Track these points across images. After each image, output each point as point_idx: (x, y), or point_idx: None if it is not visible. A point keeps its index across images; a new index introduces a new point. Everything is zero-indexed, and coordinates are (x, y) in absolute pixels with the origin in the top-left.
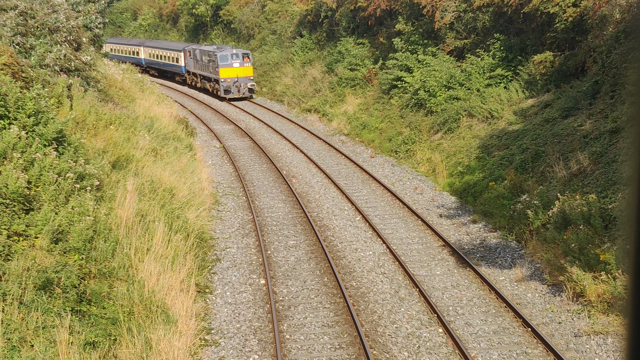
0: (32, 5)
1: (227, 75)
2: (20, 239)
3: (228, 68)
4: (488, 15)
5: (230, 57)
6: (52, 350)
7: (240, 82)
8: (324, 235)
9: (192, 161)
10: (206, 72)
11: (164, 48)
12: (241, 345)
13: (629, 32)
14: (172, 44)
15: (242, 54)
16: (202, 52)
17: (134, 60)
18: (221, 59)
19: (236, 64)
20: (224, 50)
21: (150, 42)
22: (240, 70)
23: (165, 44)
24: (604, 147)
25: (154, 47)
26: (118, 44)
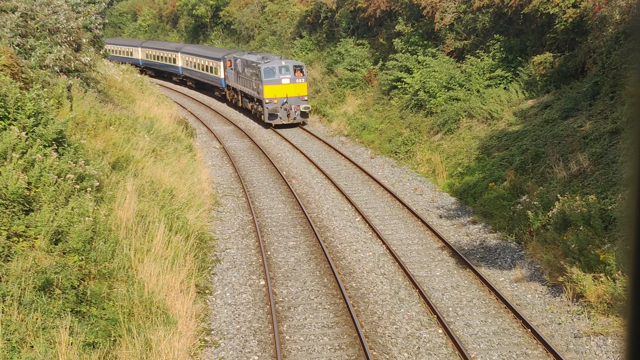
0: (32, 7)
1: (272, 95)
2: (20, 239)
3: (274, 85)
4: (488, 16)
5: (278, 70)
6: (52, 351)
7: (290, 104)
8: (323, 236)
9: (192, 162)
10: (248, 88)
11: (202, 55)
12: (241, 346)
13: (628, 33)
14: (211, 51)
15: (293, 66)
16: (244, 62)
17: (170, 69)
18: (266, 73)
19: (285, 80)
20: (270, 61)
21: (189, 48)
22: (290, 89)
23: (204, 51)
24: (604, 148)
25: (192, 53)
26: (151, 49)
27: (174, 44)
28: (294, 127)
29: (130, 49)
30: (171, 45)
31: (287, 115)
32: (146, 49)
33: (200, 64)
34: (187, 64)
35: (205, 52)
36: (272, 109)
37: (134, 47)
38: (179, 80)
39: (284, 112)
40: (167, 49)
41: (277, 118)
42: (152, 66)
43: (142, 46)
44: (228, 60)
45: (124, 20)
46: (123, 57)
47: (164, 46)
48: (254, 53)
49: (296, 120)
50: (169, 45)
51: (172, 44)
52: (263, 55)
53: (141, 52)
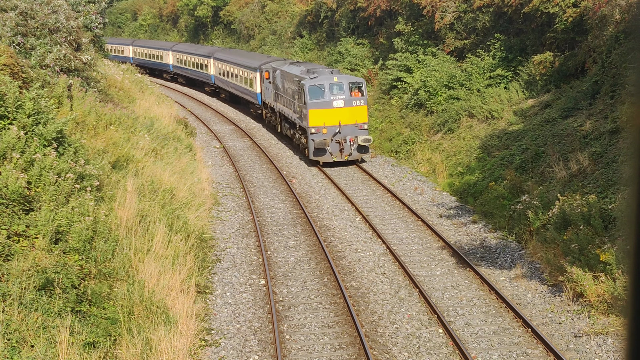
0: (32, 6)
1: (320, 122)
2: (20, 239)
3: (324, 109)
4: (488, 16)
5: (328, 88)
6: (52, 351)
7: (344, 135)
8: (324, 235)
9: (192, 161)
10: (289, 109)
11: (236, 63)
12: (241, 345)
13: (628, 33)
14: (247, 58)
15: (349, 83)
16: (284, 75)
17: (201, 77)
18: (311, 93)
19: (338, 102)
20: (317, 76)
21: (222, 53)
22: (345, 114)
23: (238, 57)
24: (603, 147)
25: (225, 60)
26: (183, 53)
27: (207, 48)
28: (349, 165)
29: (160, 52)
30: (204, 49)
31: (339, 150)
32: (177, 52)
33: (234, 74)
34: (220, 72)
35: (240, 59)
36: (319, 141)
37: (164, 51)
38: (211, 90)
39: (336, 146)
40: (199, 54)
41: (325, 154)
42: (183, 73)
43: (174, 50)
44: (265, 71)
45: (124, 19)
46: (152, 61)
47: (196, 50)
48: (296, 63)
49: (352, 156)
50: (201, 50)
51: (205, 48)
52: (308, 66)
53: (172, 57)
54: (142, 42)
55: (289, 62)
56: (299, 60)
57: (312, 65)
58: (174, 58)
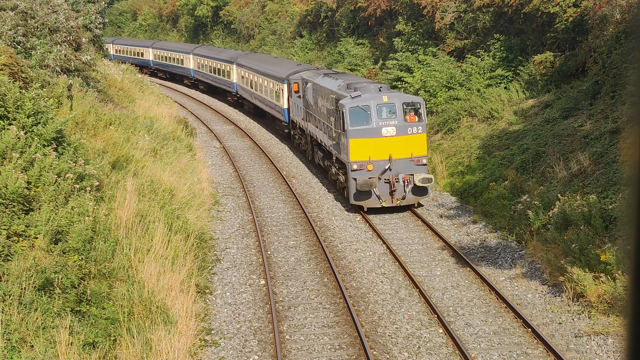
0: (32, 5)
1: (364, 155)
2: (20, 239)
3: (369, 139)
4: (488, 16)
5: (375, 111)
6: (52, 351)
7: (396, 172)
8: (324, 235)
9: (192, 161)
10: (323, 132)
11: (261, 72)
12: (241, 345)
13: (629, 33)
14: (273, 66)
15: (403, 103)
16: (318, 89)
17: (224, 85)
18: (353, 116)
19: (389, 129)
20: (361, 94)
21: (247, 59)
22: (398, 145)
23: (264, 65)
24: (604, 147)
25: (249, 67)
26: (205, 57)
27: (229, 52)
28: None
29: (181, 55)
30: (226, 53)
31: (389, 193)
32: (198, 56)
33: (259, 83)
34: (244, 80)
35: (265, 66)
36: (363, 181)
37: (185, 54)
38: (233, 100)
39: (385, 187)
40: (220, 59)
41: (371, 197)
42: (204, 79)
43: (195, 53)
44: (294, 83)
45: (124, 19)
46: (172, 64)
47: (218, 54)
48: (333, 74)
49: (406, 200)
50: (223, 54)
51: (227, 52)
52: (348, 79)
53: (193, 61)
54: (162, 44)
55: (323, 73)
56: (335, 70)
57: (352, 78)
58: (195, 62)
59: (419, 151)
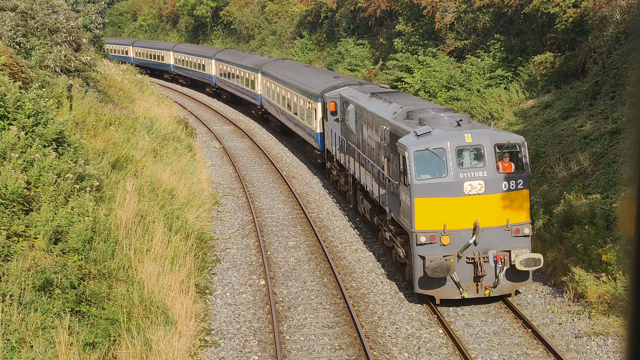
0: (32, 6)
1: (437, 222)
2: (20, 239)
3: (444, 198)
4: (488, 16)
5: (454, 156)
6: (52, 351)
7: (485, 248)
8: (324, 235)
9: (192, 162)
10: (370, 175)
11: (289, 84)
12: (241, 346)
13: (629, 33)
14: (304, 78)
15: (494, 145)
16: (364, 113)
17: (247, 96)
18: (420, 164)
19: (475, 183)
20: (431, 129)
21: (274, 67)
22: (488, 207)
23: (292, 75)
24: (604, 147)
25: (275, 77)
26: (226, 63)
27: (255, 57)
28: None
29: (202, 60)
30: (251, 59)
31: (474, 278)
32: (220, 62)
33: (287, 98)
34: (269, 92)
35: (295, 77)
36: (436, 265)
37: (206, 59)
38: (258, 115)
39: (467, 270)
40: (244, 66)
41: (446, 284)
42: (227, 88)
43: (216, 58)
44: (331, 102)
45: (124, 19)
46: (193, 70)
47: (241, 60)
48: (383, 94)
49: (499, 289)
50: (247, 60)
51: (252, 58)
52: (407, 101)
53: (214, 67)
54: (183, 46)
55: (370, 92)
56: (385, 87)
57: (410, 101)
58: (216, 68)
59: (519, 216)
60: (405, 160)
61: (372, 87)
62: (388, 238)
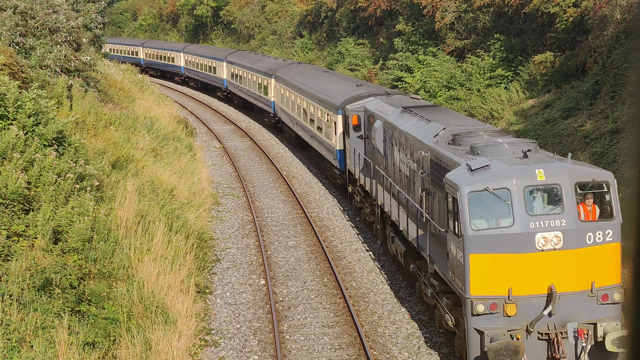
0: (32, 5)
1: (499, 285)
2: (20, 239)
3: (508, 255)
4: (488, 16)
5: (522, 198)
6: (52, 351)
7: (563, 319)
8: (324, 235)
9: (192, 161)
10: (403, 208)
11: (305, 92)
12: (241, 345)
13: (629, 33)
14: (322, 85)
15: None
16: (393, 131)
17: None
18: (476, 206)
19: (549, 235)
20: (488, 159)
21: (288, 71)
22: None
23: (308, 82)
24: (604, 147)
25: (290, 83)
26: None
27: (269, 60)
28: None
29: (212, 62)
30: (265, 63)
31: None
32: (232, 65)
33: (302, 108)
34: (283, 100)
35: (312, 84)
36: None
37: (217, 61)
38: (271, 122)
39: (540, 349)
40: (256, 70)
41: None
42: (239, 92)
43: (228, 60)
44: (353, 114)
45: (124, 19)
46: (203, 72)
47: (253, 63)
48: (417, 108)
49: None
50: (260, 63)
51: (265, 62)
52: (449, 121)
53: (226, 70)
54: (194, 48)
55: (401, 106)
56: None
57: (455, 119)
58: (228, 71)
59: (607, 277)
60: (456, 203)
61: (402, 99)
62: (429, 295)
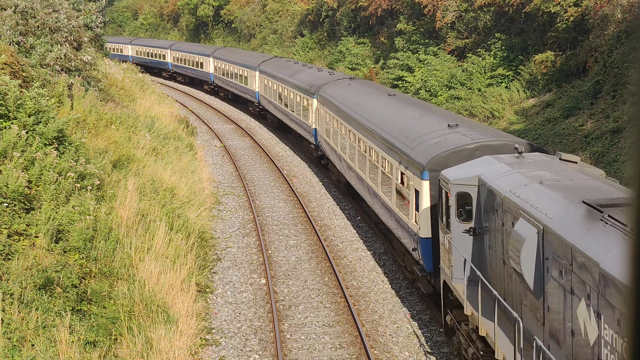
0: (32, 5)
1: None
2: (21, 238)
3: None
4: (489, 15)
5: None
6: (53, 350)
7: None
8: (324, 234)
9: (193, 161)
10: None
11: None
12: (242, 344)
13: (630, 32)
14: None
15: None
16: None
17: (299, 127)
18: None
19: None
20: None
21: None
22: None
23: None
24: (605, 147)
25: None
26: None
27: (311, 73)
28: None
29: (244, 71)
30: (304, 76)
31: None
32: (265, 76)
33: (356, 146)
34: (329, 131)
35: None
36: None
37: (249, 70)
38: (314, 155)
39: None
40: (295, 86)
41: None
42: (274, 110)
43: (261, 70)
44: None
45: (124, 18)
46: (233, 82)
47: (291, 75)
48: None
49: None
50: (299, 76)
51: (306, 74)
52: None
53: (258, 81)
54: (224, 52)
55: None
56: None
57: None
58: (261, 84)
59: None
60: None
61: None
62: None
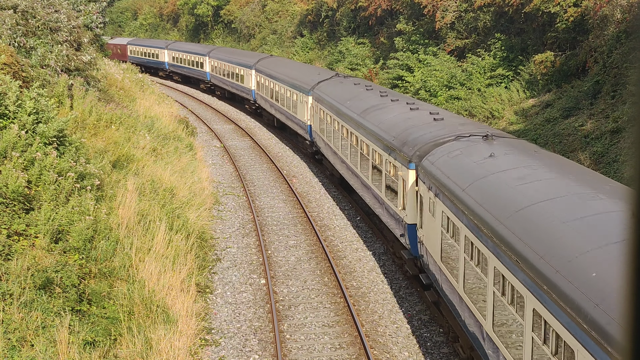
0: (32, 5)
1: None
2: (21, 238)
3: None
4: (489, 15)
5: None
6: (52, 350)
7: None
8: (324, 235)
9: (193, 161)
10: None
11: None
12: (241, 345)
13: (630, 32)
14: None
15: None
16: None
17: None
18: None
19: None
20: None
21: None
22: None
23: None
24: (605, 147)
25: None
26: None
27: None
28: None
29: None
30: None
31: None
32: (261, 75)
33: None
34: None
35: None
36: None
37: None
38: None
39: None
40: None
41: None
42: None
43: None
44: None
45: (124, 18)
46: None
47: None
48: None
49: None
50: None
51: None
52: None
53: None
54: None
55: None
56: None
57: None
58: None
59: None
60: None
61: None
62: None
